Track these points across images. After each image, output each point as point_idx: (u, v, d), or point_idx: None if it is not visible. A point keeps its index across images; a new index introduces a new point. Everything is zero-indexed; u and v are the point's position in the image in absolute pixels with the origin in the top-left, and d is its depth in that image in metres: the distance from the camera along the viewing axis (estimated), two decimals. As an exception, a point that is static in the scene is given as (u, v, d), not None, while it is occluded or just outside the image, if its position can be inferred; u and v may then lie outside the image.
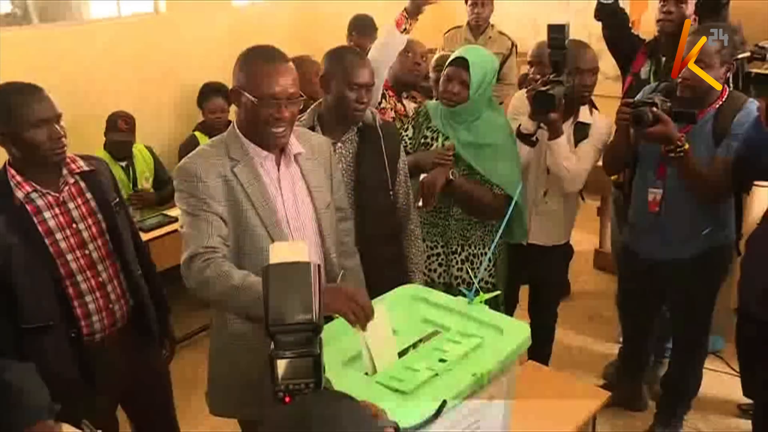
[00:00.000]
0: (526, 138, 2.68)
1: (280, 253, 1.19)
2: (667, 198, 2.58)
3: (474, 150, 2.54)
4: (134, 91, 4.13)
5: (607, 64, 5.46)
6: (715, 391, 3.17)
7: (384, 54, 2.78)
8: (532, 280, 3.08)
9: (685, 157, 2.38)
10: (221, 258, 1.74)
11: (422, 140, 2.66)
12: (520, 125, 2.69)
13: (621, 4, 3.17)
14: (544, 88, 2.58)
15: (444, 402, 1.39)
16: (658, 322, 2.97)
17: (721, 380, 3.20)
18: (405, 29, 2.73)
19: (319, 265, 1.20)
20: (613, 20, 3.16)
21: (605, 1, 3.07)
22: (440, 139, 2.59)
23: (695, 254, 2.59)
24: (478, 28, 4.47)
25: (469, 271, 2.61)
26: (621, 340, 3.21)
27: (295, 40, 4.41)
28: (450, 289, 2.62)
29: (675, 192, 2.55)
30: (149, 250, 2.56)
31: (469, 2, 4.46)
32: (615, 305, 3.11)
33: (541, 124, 2.66)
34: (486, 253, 2.61)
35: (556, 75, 2.61)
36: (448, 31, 4.62)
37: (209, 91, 4.10)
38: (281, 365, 1.10)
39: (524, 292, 3.18)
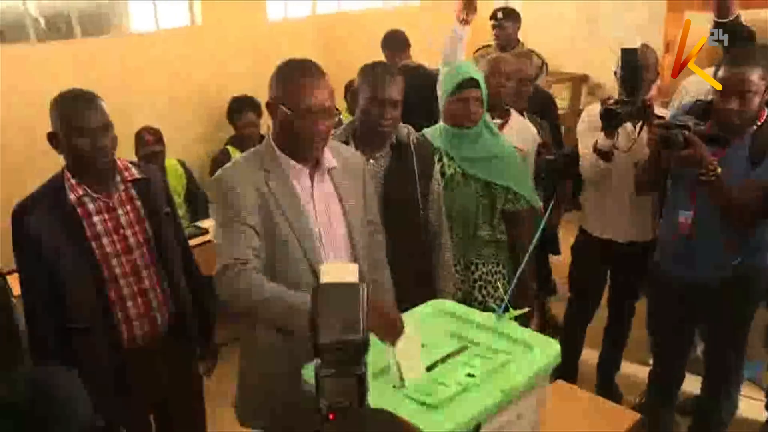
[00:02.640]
0: (605, 154, 2.78)
1: (331, 273, 1.23)
2: (698, 220, 2.53)
3: (484, 163, 2.54)
4: (168, 104, 4.20)
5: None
6: (752, 420, 3.09)
7: (450, 49, 2.87)
8: (618, 273, 3.20)
9: (717, 182, 2.34)
10: (253, 270, 1.76)
11: None
12: (597, 141, 2.77)
13: (655, 22, 3.06)
14: (612, 107, 2.65)
15: (478, 425, 1.38)
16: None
17: (759, 408, 3.11)
18: (462, 19, 2.79)
19: (368, 286, 1.22)
20: (734, 38, 2.77)
21: (721, 20, 2.75)
22: (445, 159, 2.56)
23: (726, 278, 2.53)
24: (505, 48, 4.44)
25: (483, 289, 2.61)
26: (651, 362, 3.16)
27: (329, 56, 4.46)
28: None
29: (706, 215, 2.50)
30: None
31: (492, 23, 4.42)
32: (645, 326, 3.07)
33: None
34: (499, 270, 2.62)
35: (628, 96, 2.66)
36: (478, 50, 4.57)
37: (241, 106, 4.16)
38: (326, 383, 1.12)
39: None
